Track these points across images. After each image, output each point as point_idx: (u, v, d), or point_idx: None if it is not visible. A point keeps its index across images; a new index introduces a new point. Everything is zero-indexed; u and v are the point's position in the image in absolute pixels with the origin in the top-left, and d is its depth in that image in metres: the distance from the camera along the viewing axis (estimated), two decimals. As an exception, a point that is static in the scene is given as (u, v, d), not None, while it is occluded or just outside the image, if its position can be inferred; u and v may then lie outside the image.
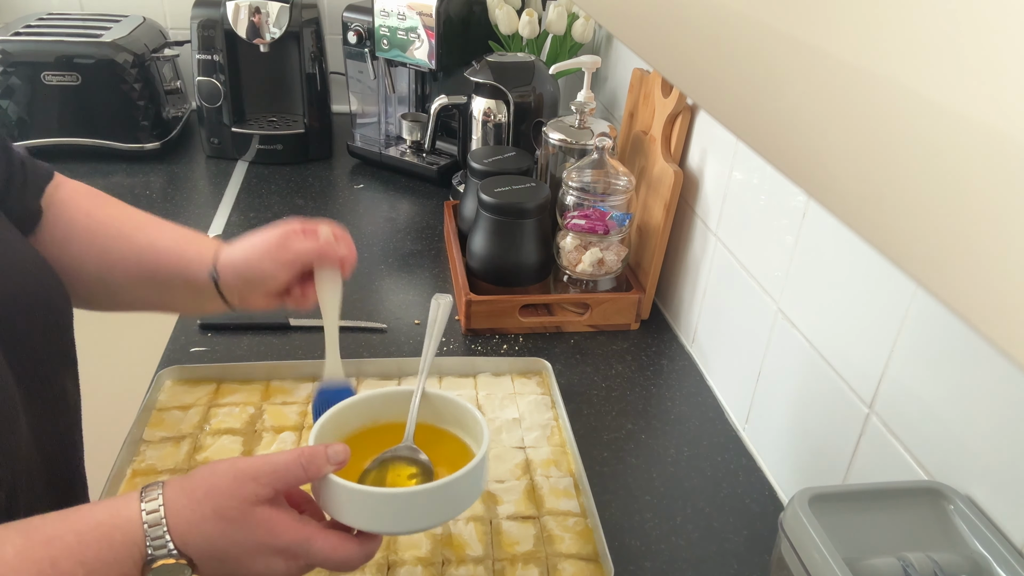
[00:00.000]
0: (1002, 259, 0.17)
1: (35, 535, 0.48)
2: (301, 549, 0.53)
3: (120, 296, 0.75)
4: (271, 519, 0.53)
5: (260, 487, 0.53)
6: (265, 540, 0.52)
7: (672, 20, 0.34)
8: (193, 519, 0.51)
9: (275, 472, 0.54)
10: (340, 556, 0.55)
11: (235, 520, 0.52)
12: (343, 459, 0.56)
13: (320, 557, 0.54)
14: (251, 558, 0.52)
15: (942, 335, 0.60)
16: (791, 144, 0.25)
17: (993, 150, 0.17)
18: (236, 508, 0.52)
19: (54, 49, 1.44)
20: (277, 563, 0.53)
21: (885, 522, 0.57)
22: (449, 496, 0.56)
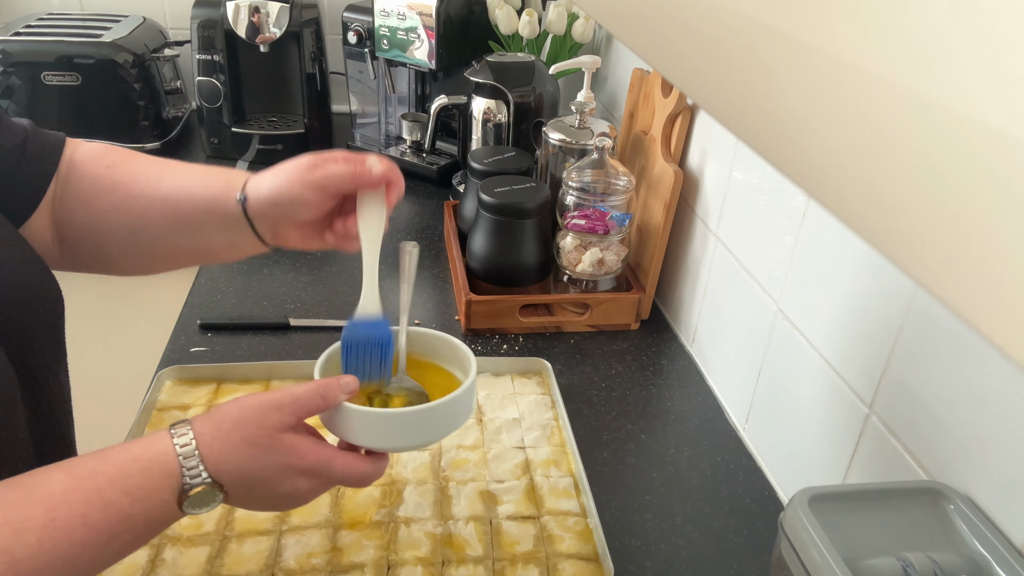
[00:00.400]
0: (1002, 259, 0.17)
1: (78, 471, 0.51)
2: (324, 468, 0.58)
3: (153, 248, 0.72)
4: (295, 443, 0.57)
5: (285, 415, 0.57)
6: (291, 462, 0.57)
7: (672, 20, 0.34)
8: (225, 447, 0.55)
9: (297, 401, 0.58)
10: (357, 473, 0.60)
11: (263, 446, 0.56)
12: (354, 388, 0.62)
13: (340, 475, 0.59)
14: (279, 479, 0.57)
15: (942, 335, 0.60)
16: (791, 144, 0.25)
17: (993, 150, 0.17)
18: (264, 435, 0.56)
19: (54, 49, 1.44)
20: (302, 482, 0.58)
21: (885, 522, 0.57)
22: (444, 414, 0.64)
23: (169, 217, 0.69)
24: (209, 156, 1.59)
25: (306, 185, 0.64)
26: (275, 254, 1.23)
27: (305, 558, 0.70)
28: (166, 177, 0.70)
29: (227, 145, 1.57)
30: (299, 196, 0.65)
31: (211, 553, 0.70)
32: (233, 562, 0.69)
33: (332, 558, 0.70)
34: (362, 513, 0.75)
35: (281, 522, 0.73)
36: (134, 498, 0.51)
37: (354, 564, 0.70)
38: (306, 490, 0.59)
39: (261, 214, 0.67)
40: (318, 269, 1.20)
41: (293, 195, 0.65)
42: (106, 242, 0.70)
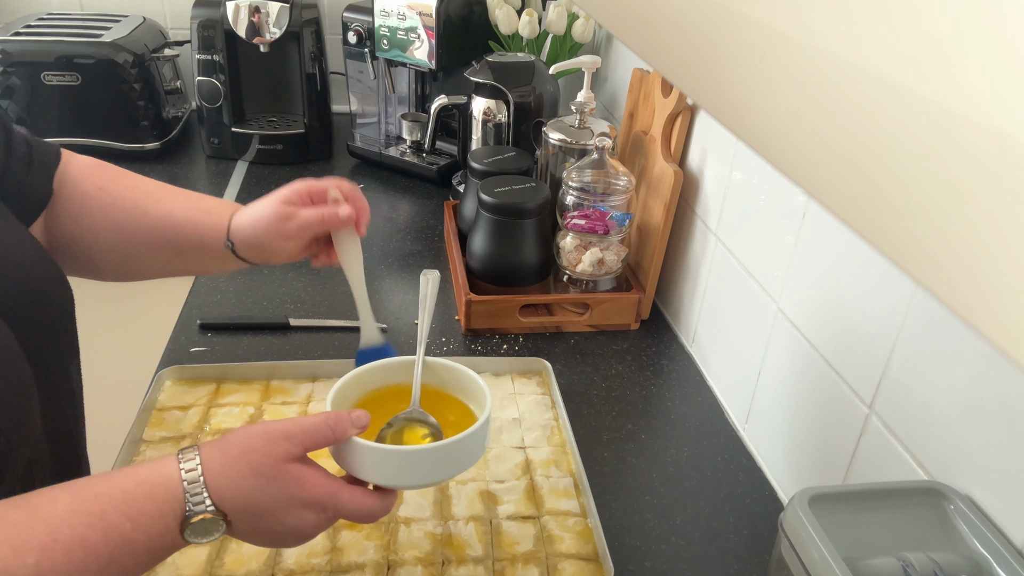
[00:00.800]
0: (1002, 259, 0.17)
1: (83, 492, 0.51)
2: (330, 502, 0.57)
3: (140, 264, 0.76)
4: (302, 474, 0.56)
5: (292, 446, 0.56)
6: (297, 494, 0.56)
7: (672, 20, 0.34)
8: (230, 476, 0.54)
9: (305, 432, 0.57)
10: (364, 508, 0.59)
11: (269, 476, 0.55)
12: (365, 423, 0.60)
13: (347, 509, 0.58)
14: (284, 511, 0.56)
15: (942, 335, 0.60)
16: (791, 144, 0.25)
17: (993, 150, 0.17)
18: (270, 465, 0.55)
19: (54, 49, 1.44)
20: (307, 515, 0.57)
21: (885, 522, 0.57)
22: (457, 453, 0.62)
23: (158, 244, 0.74)
24: (209, 156, 1.60)
25: (281, 236, 0.71)
26: (275, 254, 1.23)
27: (305, 558, 0.70)
28: (154, 206, 0.74)
29: (227, 145, 1.57)
30: (278, 246, 0.72)
31: (211, 553, 0.70)
32: (233, 562, 0.69)
33: (332, 558, 0.70)
34: (362, 513, 0.75)
35: (281, 522, 0.73)
36: (136, 523, 0.51)
37: (354, 564, 0.70)
38: (311, 524, 0.58)
39: (248, 254, 0.74)
40: (318, 269, 1.20)
41: (273, 245, 0.72)
42: (95, 255, 0.73)
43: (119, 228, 0.73)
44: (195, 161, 1.59)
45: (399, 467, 0.61)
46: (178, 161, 1.58)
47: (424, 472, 0.62)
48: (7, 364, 0.56)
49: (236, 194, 1.44)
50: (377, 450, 0.60)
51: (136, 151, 1.54)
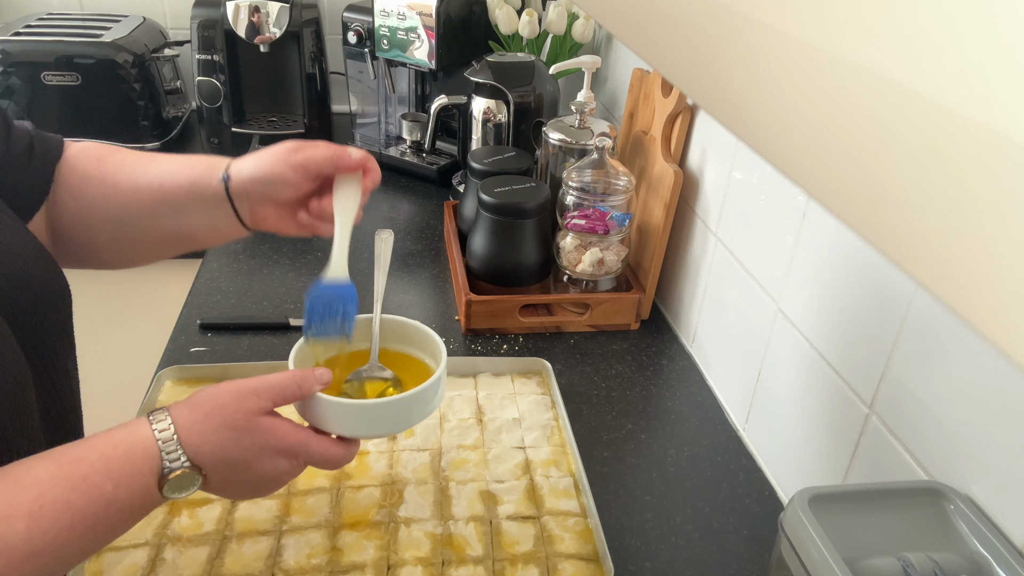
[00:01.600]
0: (1002, 259, 0.17)
1: (62, 458, 0.53)
2: (301, 448, 0.61)
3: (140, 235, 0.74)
4: (274, 424, 0.59)
5: (262, 400, 0.59)
6: (270, 442, 0.59)
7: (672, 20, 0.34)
8: (204, 431, 0.57)
9: (273, 388, 0.60)
10: (332, 455, 0.63)
11: (242, 428, 0.58)
12: (328, 379, 0.64)
13: (318, 455, 0.62)
14: (258, 460, 0.59)
15: (942, 335, 0.60)
16: (791, 144, 0.25)
17: (993, 150, 0.17)
18: (243, 418, 0.58)
19: (54, 49, 1.44)
20: (281, 462, 0.60)
21: (885, 522, 0.57)
22: (412, 404, 0.66)
23: (154, 202, 0.72)
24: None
25: (288, 165, 0.68)
26: (275, 254, 1.23)
27: (305, 558, 0.70)
28: (152, 165, 0.74)
29: (227, 145, 1.57)
30: (281, 175, 0.69)
31: (211, 553, 0.70)
32: (233, 562, 0.69)
33: (332, 558, 0.70)
34: (362, 513, 0.75)
35: (281, 522, 0.74)
36: (117, 483, 0.53)
37: (354, 564, 0.70)
38: (284, 470, 0.61)
39: (243, 193, 0.71)
40: (318, 269, 1.20)
41: (275, 174, 0.69)
42: (95, 232, 0.73)
43: (116, 194, 0.71)
44: (195, 161, 1.59)
45: (360, 419, 0.65)
46: (178, 161, 1.58)
47: (384, 423, 0.66)
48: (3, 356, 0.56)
49: (236, 194, 1.44)
50: (340, 404, 0.64)
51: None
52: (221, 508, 0.74)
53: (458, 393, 0.92)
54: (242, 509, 0.74)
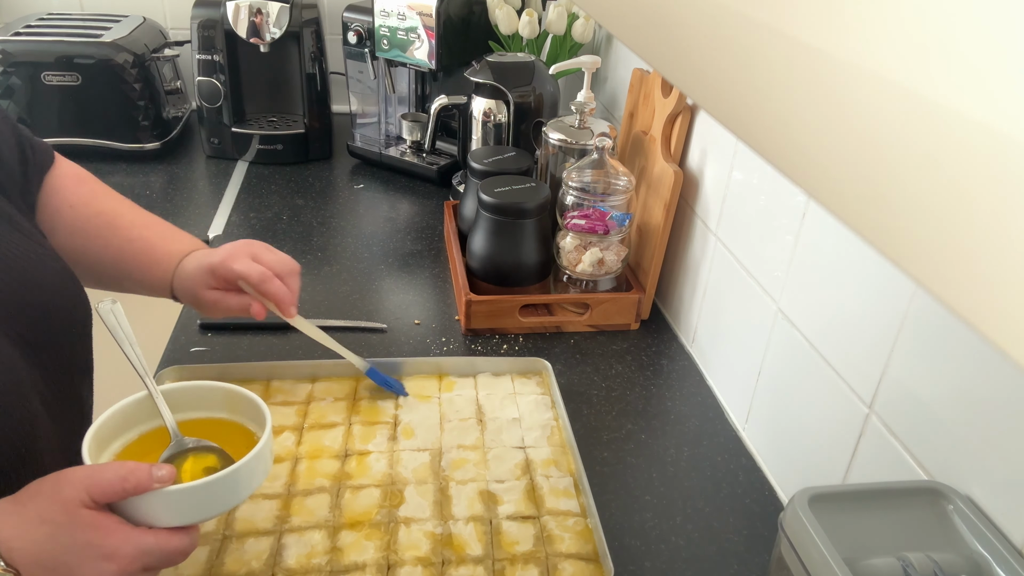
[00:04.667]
0: (1002, 259, 0.17)
1: None
2: (132, 547, 0.52)
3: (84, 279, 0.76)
4: (97, 520, 0.52)
5: (77, 490, 0.52)
6: (93, 541, 0.51)
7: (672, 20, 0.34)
8: (19, 524, 0.50)
9: (91, 477, 0.53)
10: (173, 547, 0.55)
11: (59, 523, 0.51)
12: (170, 478, 0.55)
13: (155, 552, 0.54)
14: (80, 563, 0.51)
15: (942, 335, 0.60)
16: (791, 144, 0.25)
17: (993, 150, 0.17)
18: (58, 510, 0.51)
19: (54, 49, 1.44)
20: (108, 568, 0.51)
21: (885, 522, 0.57)
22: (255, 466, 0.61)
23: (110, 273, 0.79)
24: (209, 156, 1.60)
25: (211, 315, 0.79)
26: (275, 254, 1.23)
27: (305, 558, 0.70)
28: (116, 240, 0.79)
29: (227, 145, 1.57)
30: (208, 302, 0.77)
31: (211, 553, 0.70)
32: (233, 562, 0.69)
33: (332, 558, 0.70)
34: (362, 513, 0.75)
35: (281, 522, 0.74)
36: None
37: (354, 564, 0.70)
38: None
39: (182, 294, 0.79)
40: (318, 269, 1.20)
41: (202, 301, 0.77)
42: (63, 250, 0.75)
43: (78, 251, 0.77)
44: (195, 161, 1.59)
45: (197, 502, 0.57)
46: (178, 161, 1.58)
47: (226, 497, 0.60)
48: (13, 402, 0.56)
49: (236, 194, 1.44)
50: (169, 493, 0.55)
51: (136, 151, 1.54)
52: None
53: (458, 393, 0.92)
54: (242, 509, 0.74)
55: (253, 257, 0.75)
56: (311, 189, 1.48)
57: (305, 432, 0.85)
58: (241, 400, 0.68)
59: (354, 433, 0.85)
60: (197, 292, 0.76)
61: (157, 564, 0.55)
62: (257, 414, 0.67)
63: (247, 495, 0.62)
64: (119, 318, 0.67)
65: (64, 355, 0.65)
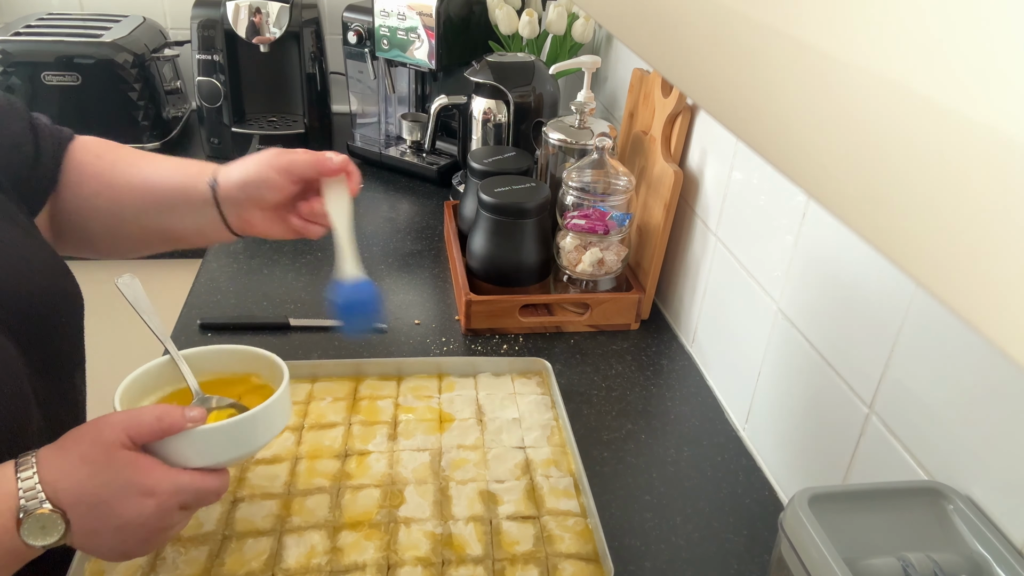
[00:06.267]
0: (1002, 259, 0.17)
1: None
2: (170, 484, 0.55)
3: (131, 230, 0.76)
4: (136, 460, 0.55)
5: (116, 432, 0.54)
6: (133, 478, 0.54)
7: (672, 20, 0.34)
8: (63, 467, 0.53)
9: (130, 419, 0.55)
10: (207, 486, 0.58)
11: (100, 462, 0.53)
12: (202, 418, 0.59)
13: (191, 489, 0.57)
14: (121, 500, 0.53)
15: (942, 335, 0.60)
16: (791, 144, 0.25)
17: (993, 150, 0.17)
18: (101, 451, 0.53)
19: (54, 49, 1.44)
20: (147, 504, 0.54)
21: (885, 522, 0.57)
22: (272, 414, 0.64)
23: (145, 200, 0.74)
24: (209, 156, 1.59)
25: (273, 168, 0.69)
26: (275, 254, 1.23)
27: (305, 558, 0.70)
28: (146, 164, 0.76)
29: (227, 145, 1.57)
30: (266, 178, 0.69)
31: (211, 553, 0.70)
32: (233, 562, 0.69)
33: (332, 558, 0.70)
34: (362, 513, 0.75)
35: (281, 522, 0.73)
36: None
37: (354, 564, 0.70)
38: (152, 513, 0.55)
39: (229, 198, 0.72)
40: (318, 269, 1.20)
41: (261, 177, 0.70)
42: (89, 224, 0.75)
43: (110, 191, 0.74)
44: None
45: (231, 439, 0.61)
46: (178, 161, 1.58)
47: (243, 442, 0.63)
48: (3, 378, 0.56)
49: (236, 194, 1.44)
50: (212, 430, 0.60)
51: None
52: (221, 508, 0.74)
53: (458, 393, 0.92)
54: (242, 509, 0.74)
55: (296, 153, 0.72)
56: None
57: (305, 432, 0.85)
58: (258, 359, 0.71)
59: (354, 433, 0.85)
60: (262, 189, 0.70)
61: (192, 502, 0.58)
62: (275, 370, 0.69)
63: (270, 437, 0.66)
64: (136, 291, 0.70)
65: (55, 347, 0.65)
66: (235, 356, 0.72)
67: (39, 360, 0.63)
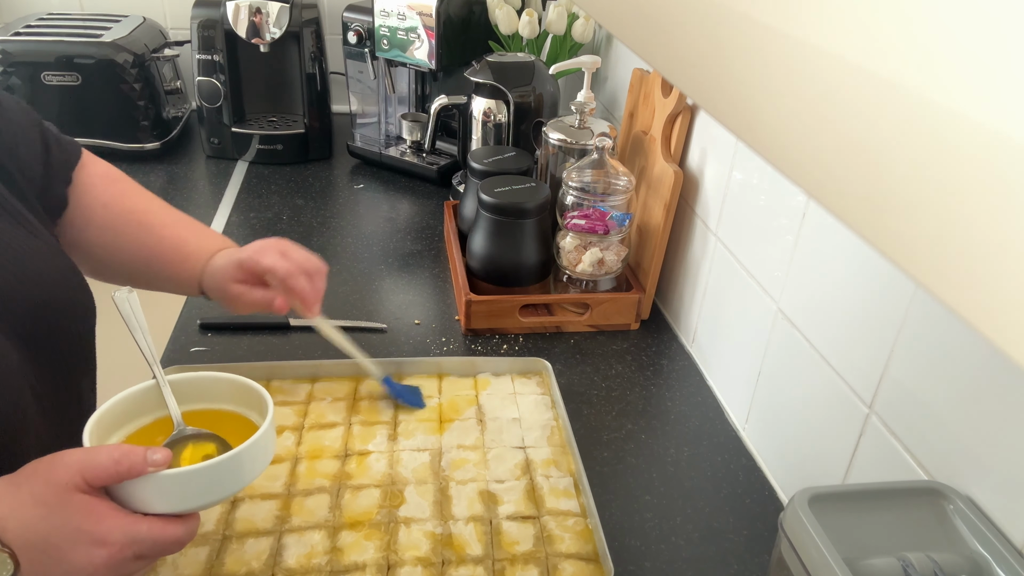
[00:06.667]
0: (1002, 259, 0.17)
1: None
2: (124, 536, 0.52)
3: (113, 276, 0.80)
4: (90, 505, 0.51)
5: (71, 473, 0.51)
6: (83, 526, 0.50)
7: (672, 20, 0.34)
8: (13, 504, 0.50)
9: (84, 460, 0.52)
10: (168, 535, 0.54)
11: (51, 504, 0.50)
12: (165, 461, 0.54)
13: (147, 540, 0.53)
14: (70, 547, 0.50)
15: (942, 335, 0.60)
16: (791, 144, 0.25)
17: (993, 150, 0.17)
18: (52, 493, 0.50)
19: (54, 49, 1.44)
20: (98, 554, 0.51)
21: (885, 522, 0.57)
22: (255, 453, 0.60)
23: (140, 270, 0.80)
24: (209, 156, 1.60)
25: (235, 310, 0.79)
26: (275, 254, 1.23)
27: (305, 558, 0.70)
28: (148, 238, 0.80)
29: (227, 145, 1.57)
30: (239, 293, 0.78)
31: (211, 553, 0.70)
32: (233, 562, 0.69)
33: (332, 558, 0.70)
34: (362, 513, 0.75)
35: (281, 522, 0.73)
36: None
37: (354, 564, 0.70)
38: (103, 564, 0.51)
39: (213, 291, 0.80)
40: (318, 269, 1.20)
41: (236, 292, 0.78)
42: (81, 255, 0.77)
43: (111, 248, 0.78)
44: (195, 161, 1.59)
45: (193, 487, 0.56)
46: (178, 161, 1.58)
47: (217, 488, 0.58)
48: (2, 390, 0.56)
49: (236, 194, 1.44)
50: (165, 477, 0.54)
51: (136, 151, 1.54)
52: (221, 508, 0.74)
53: (458, 393, 0.92)
54: (242, 509, 0.74)
55: (282, 253, 0.76)
56: (311, 189, 1.48)
57: (305, 432, 0.85)
58: (246, 391, 0.68)
59: (354, 433, 0.85)
60: (225, 286, 0.77)
61: (149, 553, 0.54)
62: (261, 405, 0.66)
63: (244, 484, 0.61)
64: (133, 306, 0.67)
65: (63, 351, 0.65)
66: (222, 385, 0.69)
67: (44, 363, 0.63)
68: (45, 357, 0.62)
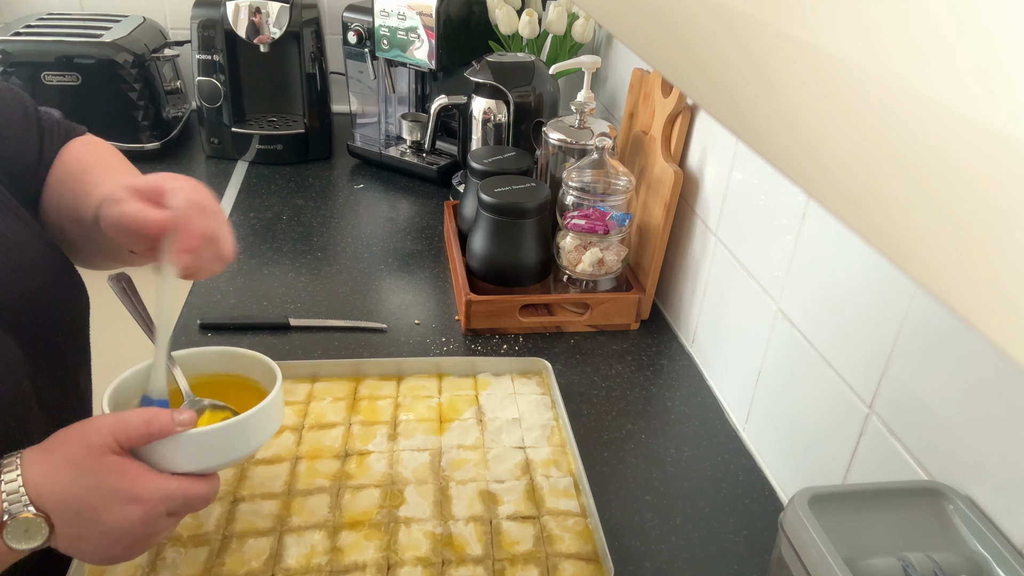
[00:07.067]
0: (1002, 259, 0.17)
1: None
2: (156, 492, 0.54)
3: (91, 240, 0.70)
4: (123, 465, 0.53)
5: (103, 436, 0.53)
6: (118, 485, 0.53)
7: (672, 20, 0.34)
8: (46, 470, 0.51)
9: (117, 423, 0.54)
10: (196, 491, 0.57)
11: (85, 467, 0.52)
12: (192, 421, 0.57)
13: (178, 497, 0.55)
14: (106, 506, 0.52)
15: (942, 335, 0.60)
16: (791, 144, 0.25)
17: (993, 150, 0.17)
18: (85, 455, 0.52)
19: (54, 49, 1.44)
20: (133, 511, 0.53)
21: (885, 522, 0.57)
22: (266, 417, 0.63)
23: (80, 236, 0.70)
24: (209, 156, 1.60)
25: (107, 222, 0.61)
26: (275, 254, 1.23)
27: (305, 558, 0.70)
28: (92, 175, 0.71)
29: (227, 145, 1.57)
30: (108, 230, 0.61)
31: (211, 553, 0.70)
32: (233, 562, 0.69)
33: (332, 558, 0.70)
34: (362, 513, 0.75)
35: (281, 522, 0.74)
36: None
37: (354, 564, 0.70)
38: (137, 520, 0.53)
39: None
40: (318, 269, 1.20)
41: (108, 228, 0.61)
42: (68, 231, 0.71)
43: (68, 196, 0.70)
44: (195, 161, 1.59)
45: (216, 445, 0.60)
46: (178, 161, 1.58)
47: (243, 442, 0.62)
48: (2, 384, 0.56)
49: (236, 194, 1.44)
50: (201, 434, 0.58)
51: (136, 151, 1.53)
52: (221, 508, 0.74)
53: (458, 393, 0.92)
54: (242, 509, 0.74)
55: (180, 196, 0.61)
56: (311, 189, 1.48)
57: (305, 432, 0.85)
58: (251, 361, 0.71)
59: (354, 433, 0.85)
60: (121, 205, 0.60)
61: (180, 509, 0.57)
62: (268, 373, 0.69)
63: (262, 442, 0.65)
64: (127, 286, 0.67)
65: (59, 344, 0.65)
66: (228, 358, 0.71)
67: (41, 359, 0.63)
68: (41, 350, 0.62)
